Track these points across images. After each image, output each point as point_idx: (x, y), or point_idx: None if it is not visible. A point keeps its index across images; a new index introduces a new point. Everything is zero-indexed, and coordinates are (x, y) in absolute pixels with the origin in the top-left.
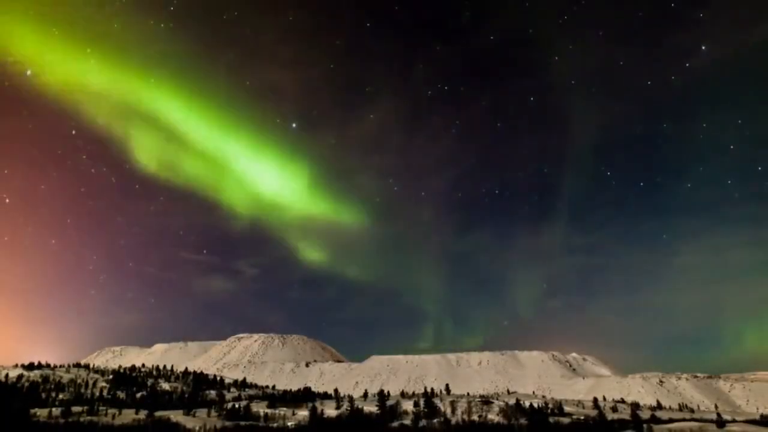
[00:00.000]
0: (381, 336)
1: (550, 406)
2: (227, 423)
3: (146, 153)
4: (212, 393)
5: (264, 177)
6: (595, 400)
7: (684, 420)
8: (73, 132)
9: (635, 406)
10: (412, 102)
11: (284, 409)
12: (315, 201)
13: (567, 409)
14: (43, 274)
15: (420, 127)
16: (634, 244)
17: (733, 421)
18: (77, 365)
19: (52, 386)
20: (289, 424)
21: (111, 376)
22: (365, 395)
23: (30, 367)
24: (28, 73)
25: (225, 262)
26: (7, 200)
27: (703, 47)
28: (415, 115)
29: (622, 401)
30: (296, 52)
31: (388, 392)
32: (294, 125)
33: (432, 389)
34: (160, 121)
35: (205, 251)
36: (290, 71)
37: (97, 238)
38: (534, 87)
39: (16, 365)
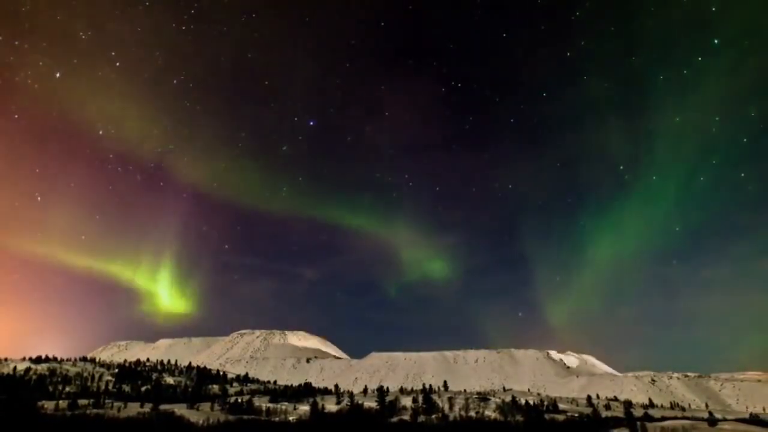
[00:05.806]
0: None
1: (546, 403)
2: (230, 417)
3: None
4: (215, 387)
5: None
6: (589, 398)
7: (676, 418)
8: (100, 132)
9: (628, 404)
10: None
11: (286, 403)
12: None
13: (561, 406)
14: (72, 270)
15: None
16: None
17: (724, 419)
18: (83, 359)
19: (59, 379)
20: (290, 418)
21: (116, 370)
22: (365, 391)
23: (38, 360)
24: (57, 75)
25: (244, 258)
26: (39, 198)
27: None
28: None
29: (615, 399)
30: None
31: (387, 388)
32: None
33: (430, 386)
34: None
35: (226, 246)
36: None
37: (124, 234)
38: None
39: (24, 358)
